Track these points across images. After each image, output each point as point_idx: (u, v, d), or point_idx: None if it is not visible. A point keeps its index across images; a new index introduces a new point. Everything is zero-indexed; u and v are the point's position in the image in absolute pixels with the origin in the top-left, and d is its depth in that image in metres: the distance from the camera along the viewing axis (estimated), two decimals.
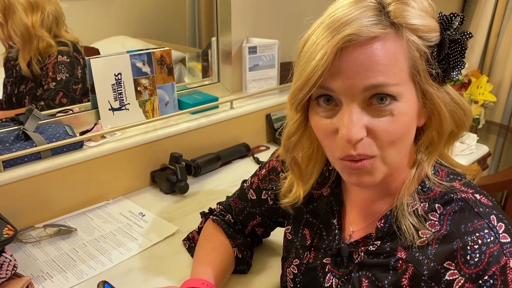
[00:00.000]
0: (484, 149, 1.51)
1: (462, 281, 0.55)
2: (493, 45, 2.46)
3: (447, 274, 0.57)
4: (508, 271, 0.54)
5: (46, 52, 1.27)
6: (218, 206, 0.95)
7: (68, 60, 1.29)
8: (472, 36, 0.58)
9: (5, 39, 1.25)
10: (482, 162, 1.51)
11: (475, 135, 1.53)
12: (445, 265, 0.57)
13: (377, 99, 0.55)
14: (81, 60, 1.33)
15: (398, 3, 0.55)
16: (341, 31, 0.53)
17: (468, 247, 0.56)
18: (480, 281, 0.54)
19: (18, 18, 1.22)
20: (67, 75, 1.28)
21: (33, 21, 1.23)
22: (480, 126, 1.91)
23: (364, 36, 0.53)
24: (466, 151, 1.46)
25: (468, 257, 0.55)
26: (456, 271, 0.56)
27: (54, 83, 1.27)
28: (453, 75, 0.58)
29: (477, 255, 0.55)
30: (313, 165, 0.72)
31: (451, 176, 0.63)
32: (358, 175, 0.59)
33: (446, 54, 0.57)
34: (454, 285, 0.56)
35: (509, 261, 0.54)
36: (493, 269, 0.54)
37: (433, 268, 0.58)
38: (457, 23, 0.57)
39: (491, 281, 0.54)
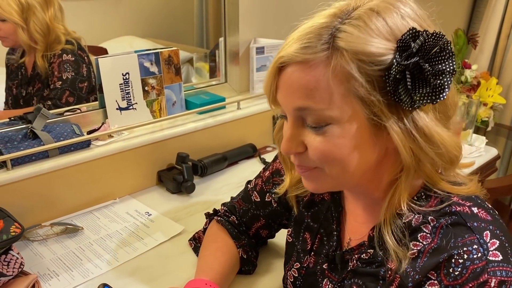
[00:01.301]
0: (493, 152, 1.49)
1: None
2: (503, 47, 2.44)
3: (427, 283, 0.56)
4: None
5: (53, 47, 1.28)
6: (223, 207, 0.95)
7: (73, 58, 1.30)
8: (429, 67, 0.51)
9: (27, 41, 1.26)
10: (490, 164, 1.49)
11: (484, 137, 1.52)
12: (428, 275, 0.56)
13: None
14: (85, 58, 1.34)
15: (351, 26, 0.53)
16: (279, 52, 0.57)
17: (453, 260, 0.54)
18: None
19: (39, 17, 1.23)
20: (73, 74, 1.29)
21: (50, 15, 1.25)
22: (489, 128, 1.89)
23: (294, 60, 0.55)
24: (475, 153, 1.45)
25: (450, 270, 0.54)
26: (436, 281, 0.55)
27: (60, 82, 1.28)
28: (414, 101, 0.52)
29: (459, 269, 0.53)
30: None
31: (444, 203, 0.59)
32: (306, 180, 0.63)
33: (394, 79, 0.52)
34: None
35: (491, 280, 0.52)
36: (470, 285, 0.52)
37: (418, 279, 0.56)
38: (416, 46, 0.51)
39: None
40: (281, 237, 0.96)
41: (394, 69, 0.52)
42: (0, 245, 0.80)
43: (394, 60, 0.52)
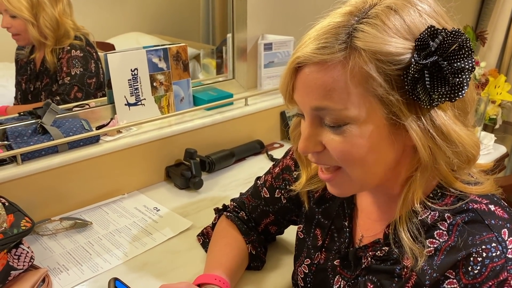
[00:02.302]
0: (501, 150, 1.48)
1: None
2: (511, 45, 2.41)
3: (446, 282, 0.56)
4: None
5: (62, 41, 1.28)
6: (232, 202, 0.95)
7: (82, 54, 1.30)
8: (448, 66, 0.51)
9: (37, 37, 1.27)
10: (499, 162, 1.48)
11: (493, 135, 1.51)
12: (446, 274, 0.56)
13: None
14: (94, 54, 1.34)
15: (368, 25, 0.52)
16: (296, 52, 0.56)
17: (472, 258, 0.54)
18: None
19: (48, 12, 1.24)
20: (81, 69, 1.29)
21: (59, 11, 1.26)
22: (497, 126, 1.88)
23: (311, 61, 0.54)
24: (483, 151, 1.44)
25: (469, 268, 0.54)
26: (455, 280, 0.55)
27: (69, 78, 1.28)
28: (432, 99, 0.52)
29: (478, 267, 0.53)
30: None
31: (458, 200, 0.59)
32: (330, 186, 0.63)
33: (412, 78, 0.51)
34: None
35: (511, 278, 0.52)
36: (490, 283, 0.52)
37: (435, 278, 0.56)
38: (435, 45, 0.51)
39: None
40: (290, 233, 0.96)
41: (412, 69, 0.51)
42: (10, 239, 0.80)
43: (413, 60, 0.51)
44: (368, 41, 0.52)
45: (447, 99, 0.52)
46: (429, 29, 0.52)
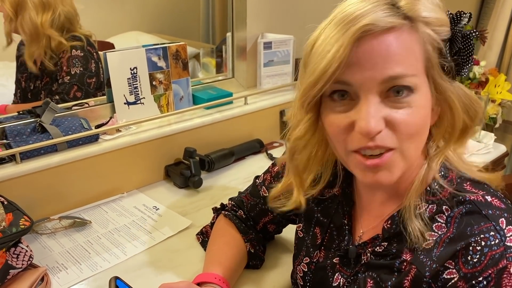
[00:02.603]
0: (501, 149, 1.48)
1: (456, 279, 0.55)
2: (511, 44, 2.41)
3: (445, 272, 0.56)
4: (505, 275, 0.52)
5: (59, 49, 1.27)
6: (230, 201, 0.95)
7: (82, 54, 1.30)
8: (480, 34, 0.59)
9: (9, 32, 1.25)
10: (499, 162, 1.48)
11: (492, 134, 1.51)
12: (446, 264, 0.56)
13: (393, 91, 0.55)
14: (94, 54, 1.34)
15: None
16: (357, 23, 0.52)
17: (471, 248, 0.54)
18: (474, 281, 0.53)
19: (28, 15, 1.22)
20: (81, 69, 1.29)
21: (42, 20, 1.23)
22: (497, 125, 1.88)
23: (382, 26, 0.52)
24: (483, 150, 1.44)
25: (468, 258, 0.54)
26: (454, 270, 0.55)
27: (69, 77, 1.28)
28: (464, 70, 0.58)
29: (478, 256, 0.54)
30: (316, 168, 0.70)
31: (462, 179, 0.61)
32: (374, 172, 0.57)
33: (458, 49, 0.57)
34: (449, 283, 0.55)
35: (510, 266, 0.52)
36: (490, 271, 0.53)
37: (435, 269, 0.57)
38: (466, 20, 0.57)
39: (485, 282, 0.53)
40: (289, 232, 0.96)
41: (458, 38, 0.56)
42: (9, 238, 0.80)
43: (458, 32, 0.56)
44: (422, 10, 0.55)
45: (470, 69, 0.60)
46: (458, 12, 0.58)
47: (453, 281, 0.55)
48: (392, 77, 0.53)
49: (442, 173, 0.62)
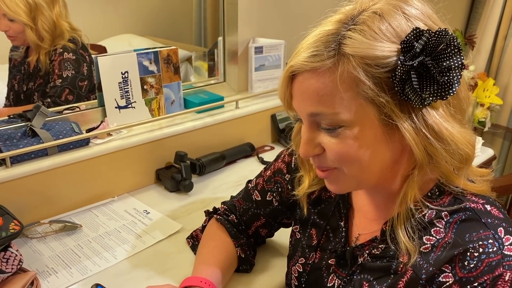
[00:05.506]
0: (489, 152, 1.50)
1: (450, 282, 0.56)
2: (500, 48, 2.44)
3: (441, 275, 0.57)
4: (499, 282, 0.53)
5: (55, 41, 1.28)
6: (223, 205, 0.96)
7: (74, 57, 1.30)
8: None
9: (36, 40, 1.27)
10: (487, 165, 1.50)
11: (480, 138, 1.53)
12: (442, 268, 0.57)
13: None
14: (87, 57, 1.34)
15: (355, 32, 0.54)
16: (290, 61, 0.59)
17: (468, 254, 0.56)
18: (469, 286, 0.54)
19: (46, 15, 1.24)
20: (73, 72, 1.29)
21: (56, 13, 1.27)
22: (486, 129, 1.90)
23: (304, 68, 0.57)
24: None
25: (465, 263, 0.55)
26: (451, 274, 0.56)
27: (60, 80, 1.28)
28: (423, 99, 0.53)
29: (474, 262, 0.55)
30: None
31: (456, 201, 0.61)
32: (328, 183, 0.66)
33: (400, 80, 0.53)
34: (443, 285, 0.56)
35: (506, 274, 0.53)
36: (485, 277, 0.54)
37: (432, 272, 0.58)
38: (420, 46, 0.52)
39: None
40: (280, 236, 0.97)
41: (399, 70, 0.53)
42: None
43: (399, 61, 0.53)
44: (356, 47, 0.54)
45: (438, 97, 0.54)
46: (414, 31, 0.53)
47: (448, 283, 0.56)
48: (313, 114, 0.59)
49: (434, 193, 0.62)
